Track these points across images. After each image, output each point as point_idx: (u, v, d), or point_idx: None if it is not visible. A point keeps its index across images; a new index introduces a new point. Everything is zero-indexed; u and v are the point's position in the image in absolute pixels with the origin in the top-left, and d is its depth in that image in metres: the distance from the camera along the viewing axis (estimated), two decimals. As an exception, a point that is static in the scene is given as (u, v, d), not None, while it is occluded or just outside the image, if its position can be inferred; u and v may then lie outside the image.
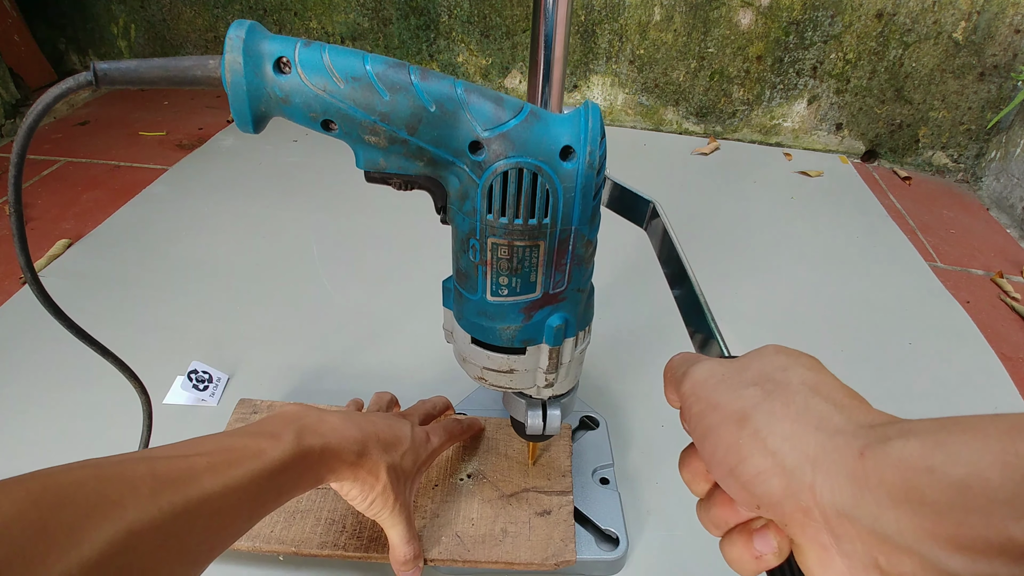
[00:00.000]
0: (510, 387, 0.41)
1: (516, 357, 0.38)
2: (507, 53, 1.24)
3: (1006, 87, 1.12)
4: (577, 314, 0.37)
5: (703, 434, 0.24)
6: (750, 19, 1.14)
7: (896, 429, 0.19)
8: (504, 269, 0.34)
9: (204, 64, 0.29)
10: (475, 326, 0.37)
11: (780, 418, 0.22)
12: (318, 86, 0.29)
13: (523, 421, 0.45)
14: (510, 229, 0.32)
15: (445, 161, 0.31)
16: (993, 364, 0.74)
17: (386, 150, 0.31)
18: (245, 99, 0.29)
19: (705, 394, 0.25)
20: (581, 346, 0.40)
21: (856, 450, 0.19)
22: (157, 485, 0.26)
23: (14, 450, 0.55)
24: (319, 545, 0.45)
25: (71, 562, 0.21)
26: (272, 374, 0.65)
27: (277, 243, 0.86)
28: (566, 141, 0.30)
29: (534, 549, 0.46)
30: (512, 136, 0.30)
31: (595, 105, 0.31)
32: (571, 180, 0.31)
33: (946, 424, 0.18)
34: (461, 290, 0.37)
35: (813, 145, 1.27)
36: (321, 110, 0.29)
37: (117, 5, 1.28)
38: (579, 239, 0.33)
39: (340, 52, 0.29)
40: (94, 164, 1.04)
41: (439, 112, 0.30)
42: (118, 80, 0.29)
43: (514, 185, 0.31)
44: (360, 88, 0.29)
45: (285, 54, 0.29)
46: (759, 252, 0.91)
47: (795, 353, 0.25)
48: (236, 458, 0.31)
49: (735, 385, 0.24)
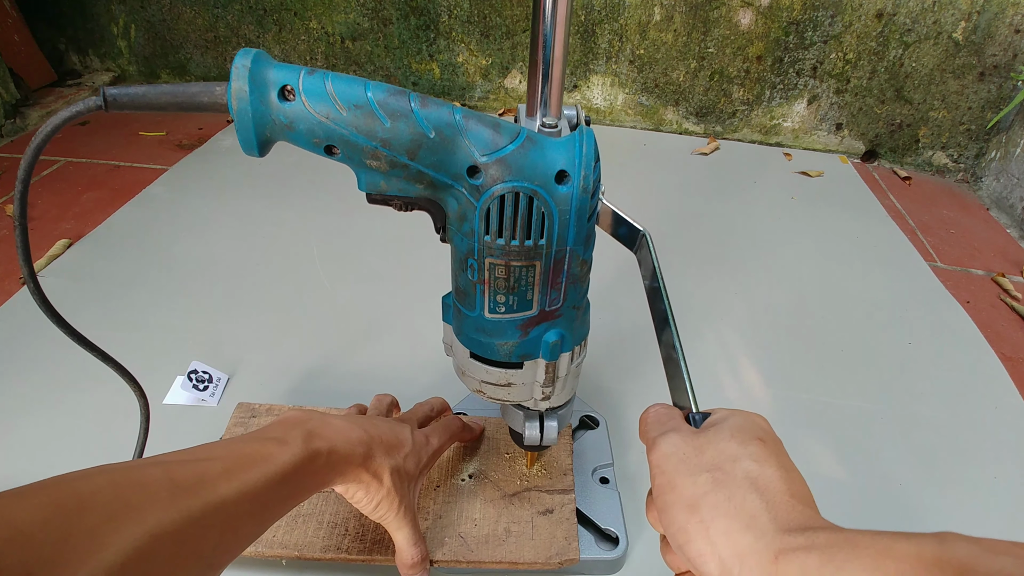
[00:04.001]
0: (508, 400, 0.42)
1: (514, 371, 0.39)
2: (507, 53, 1.24)
3: (1006, 87, 1.12)
4: (573, 330, 0.38)
5: (662, 507, 0.29)
6: (750, 19, 1.14)
7: (804, 539, 0.23)
8: (501, 288, 0.35)
9: (211, 91, 0.30)
10: (474, 341, 0.38)
11: (722, 513, 0.26)
12: (321, 113, 0.30)
13: (521, 432, 0.46)
14: (507, 250, 0.33)
15: (444, 184, 0.32)
16: (993, 364, 0.74)
17: (387, 174, 0.32)
18: (251, 126, 0.30)
19: (668, 469, 0.29)
20: (577, 360, 0.41)
21: (772, 554, 0.23)
22: (175, 490, 0.26)
23: (15, 450, 0.55)
24: (322, 549, 0.45)
25: (95, 568, 0.21)
26: (272, 374, 0.65)
27: (277, 243, 0.86)
28: (561, 165, 0.31)
29: (538, 548, 0.46)
30: (509, 161, 0.31)
31: (589, 130, 0.33)
32: (566, 203, 0.32)
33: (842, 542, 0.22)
34: (460, 307, 0.38)
35: (813, 145, 1.27)
36: (324, 136, 0.30)
37: (117, 5, 1.27)
38: (574, 259, 0.34)
39: (342, 80, 0.30)
40: (94, 164, 1.04)
41: (438, 138, 0.30)
42: (127, 105, 0.30)
43: (511, 208, 0.32)
44: (362, 115, 0.30)
45: (289, 82, 0.29)
46: (759, 252, 0.92)
47: (747, 440, 0.29)
48: (247, 463, 0.31)
49: (692, 469, 0.28)
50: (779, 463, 0.28)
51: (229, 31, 1.27)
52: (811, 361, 0.71)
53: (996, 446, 0.63)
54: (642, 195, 1.05)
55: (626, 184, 1.07)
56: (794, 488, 0.27)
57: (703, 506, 0.27)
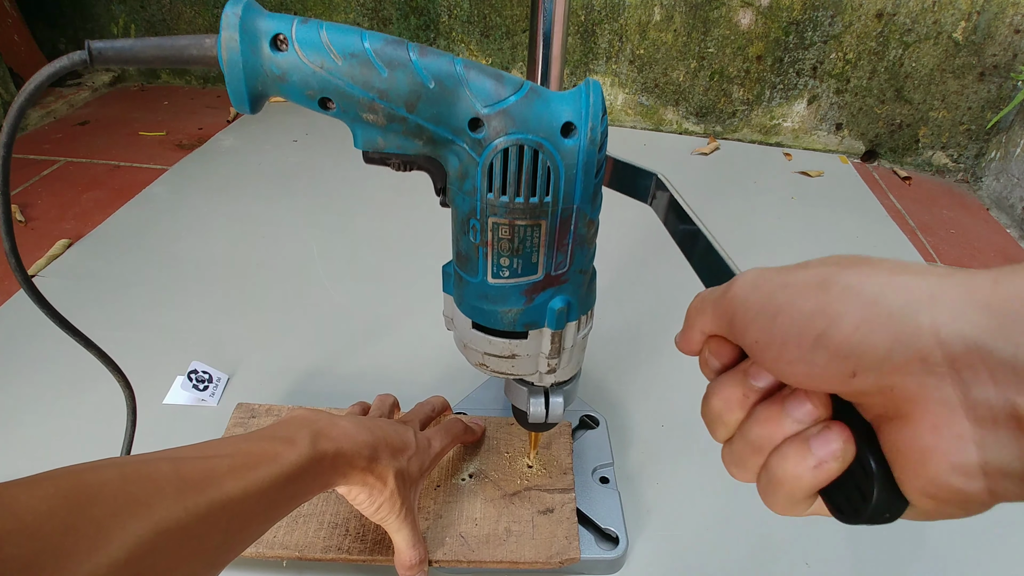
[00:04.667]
0: (512, 373, 0.40)
1: (518, 342, 0.37)
2: (507, 53, 1.24)
3: (1006, 87, 1.12)
4: (579, 296, 0.37)
5: (773, 313, 0.20)
6: (750, 19, 1.14)
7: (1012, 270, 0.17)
8: (505, 250, 0.33)
9: (200, 43, 0.29)
10: (476, 310, 0.37)
11: (875, 272, 0.18)
12: (315, 63, 0.28)
13: (525, 409, 0.44)
14: (511, 208, 0.31)
15: (444, 139, 0.31)
16: (993, 363, 0.74)
17: (384, 128, 0.30)
18: (241, 77, 0.29)
19: (767, 280, 0.21)
20: (584, 331, 0.39)
21: (988, 279, 0.17)
22: (181, 485, 0.26)
23: (15, 450, 0.55)
24: (323, 549, 0.45)
25: (101, 560, 0.21)
26: (272, 374, 0.65)
27: (277, 243, 0.86)
28: (567, 117, 0.30)
29: (538, 548, 0.46)
30: (512, 113, 0.29)
31: (596, 82, 0.31)
32: (572, 157, 0.30)
33: None
34: (461, 273, 0.36)
35: (813, 145, 1.27)
36: (319, 88, 0.29)
37: (117, 5, 1.27)
38: (581, 218, 0.33)
39: (338, 29, 0.29)
40: (94, 164, 1.04)
41: (438, 89, 0.29)
42: (113, 59, 0.29)
43: (515, 163, 0.30)
44: (358, 65, 0.28)
45: (282, 31, 0.28)
46: (759, 252, 0.91)
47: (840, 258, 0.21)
48: (255, 461, 0.31)
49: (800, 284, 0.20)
50: None
51: (229, 31, 1.27)
52: (811, 361, 0.71)
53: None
54: (642, 195, 1.05)
55: (626, 184, 1.07)
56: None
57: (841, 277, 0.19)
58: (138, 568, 0.22)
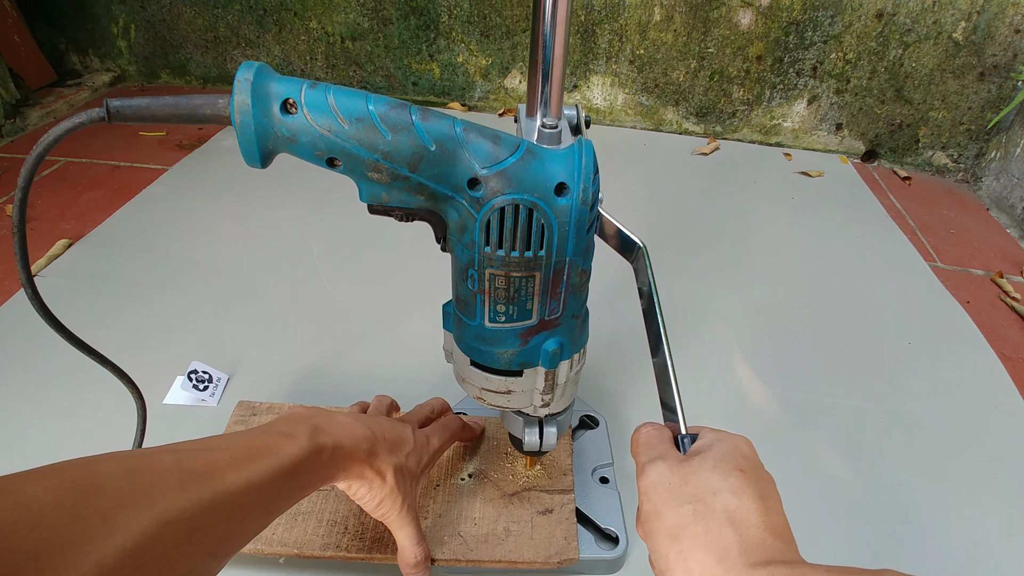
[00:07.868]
0: (508, 406, 0.42)
1: (513, 379, 0.40)
2: (507, 53, 1.24)
3: (1006, 87, 1.12)
4: (572, 338, 0.39)
5: (647, 533, 0.31)
6: (750, 19, 1.14)
7: (766, 573, 0.26)
8: (501, 298, 0.35)
9: (214, 103, 0.30)
10: (474, 350, 0.39)
11: (700, 545, 0.28)
12: (323, 126, 0.30)
13: (520, 438, 0.46)
14: (507, 261, 0.33)
15: (445, 196, 0.32)
16: (993, 364, 0.74)
17: (388, 186, 0.32)
18: (253, 138, 0.30)
19: (655, 498, 0.31)
20: (576, 368, 0.41)
21: None
22: (184, 477, 0.26)
23: (15, 450, 0.55)
24: (321, 547, 0.45)
25: (106, 550, 0.21)
26: (272, 374, 0.65)
27: (277, 243, 0.86)
28: (561, 178, 0.32)
29: (537, 548, 0.46)
30: (509, 174, 0.31)
31: (588, 142, 0.33)
32: (565, 215, 0.32)
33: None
34: (460, 316, 0.38)
35: (813, 145, 1.27)
36: (326, 149, 0.31)
37: (117, 5, 1.27)
38: (573, 269, 0.35)
39: (344, 93, 0.30)
40: (94, 164, 1.04)
41: (439, 151, 0.31)
42: (130, 117, 0.31)
43: (511, 220, 0.32)
44: (363, 128, 0.30)
45: (292, 96, 0.30)
46: (759, 252, 0.92)
47: (728, 471, 0.31)
48: (255, 455, 0.31)
49: (677, 499, 0.31)
50: (758, 494, 0.30)
51: (229, 31, 1.27)
52: (811, 361, 0.71)
53: (996, 446, 0.63)
54: (642, 196, 1.05)
55: (626, 184, 1.07)
56: (770, 520, 0.29)
57: (684, 536, 0.29)
58: (144, 558, 0.23)
